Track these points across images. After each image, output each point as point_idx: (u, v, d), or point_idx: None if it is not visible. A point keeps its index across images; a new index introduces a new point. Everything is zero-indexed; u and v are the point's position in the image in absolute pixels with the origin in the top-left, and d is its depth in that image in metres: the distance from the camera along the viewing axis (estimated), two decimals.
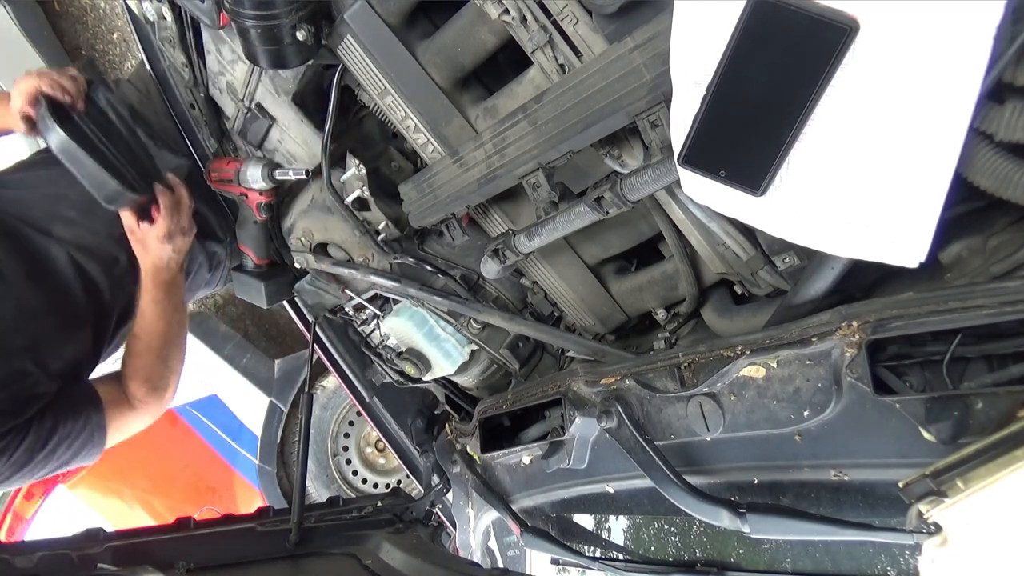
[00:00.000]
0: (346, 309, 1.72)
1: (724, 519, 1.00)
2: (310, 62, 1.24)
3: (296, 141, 1.49)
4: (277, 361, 3.38)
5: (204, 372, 3.26)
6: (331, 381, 3.34)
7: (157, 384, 1.68)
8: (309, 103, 1.44)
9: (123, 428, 1.67)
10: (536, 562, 1.72)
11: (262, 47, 1.12)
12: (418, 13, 1.19)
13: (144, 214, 1.55)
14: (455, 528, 1.72)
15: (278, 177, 1.47)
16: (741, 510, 0.99)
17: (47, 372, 1.53)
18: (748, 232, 1.09)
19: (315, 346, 1.75)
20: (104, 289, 1.68)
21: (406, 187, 1.35)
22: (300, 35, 1.11)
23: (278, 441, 3.36)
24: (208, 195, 1.83)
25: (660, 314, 1.40)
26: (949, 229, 0.88)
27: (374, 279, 1.52)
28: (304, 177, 1.45)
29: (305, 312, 1.77)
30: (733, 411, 1.03)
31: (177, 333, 1.72)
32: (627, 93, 0.93)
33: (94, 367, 1.74)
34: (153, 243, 1.57)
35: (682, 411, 1.09)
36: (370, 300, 1.66)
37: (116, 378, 1.70)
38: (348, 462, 3.48)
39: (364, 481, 3.49)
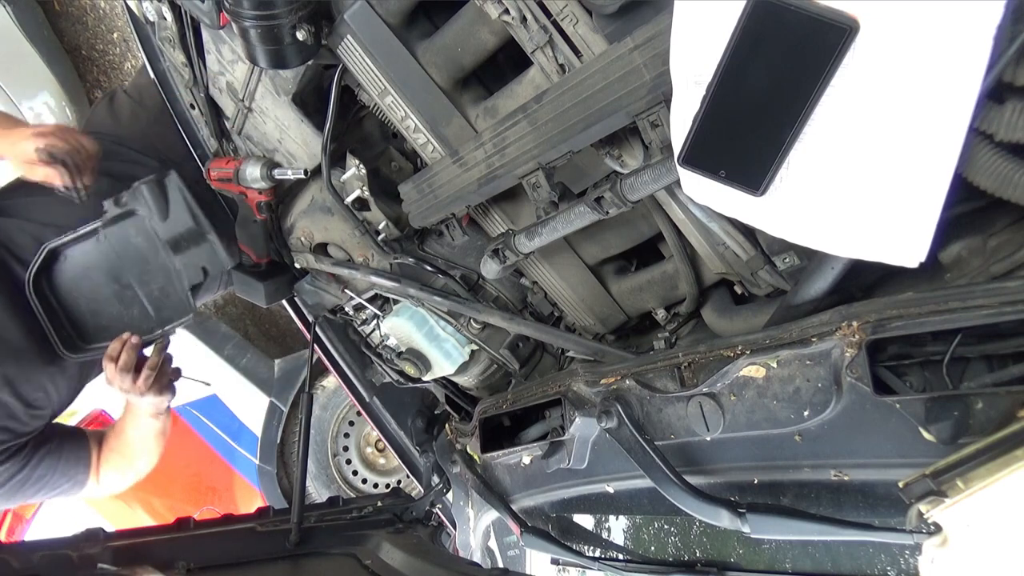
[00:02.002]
0: (346, 309, 1.72)
1: (724, 519, 1.00)
2: (310, 62, 1.24)
3: (296, 141, 1.49)
4: (277, 361, 3.38)
5: (204, 372, 3.26)
6: (331, 381, 3.34)
7: (122, 476, 1.89)
8: (309, 103, 1.44)
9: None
10: (536, 562, 1.72)
11: (262, 47, 1.12)
12: (418, 13, 1.19)
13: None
14: (455, 528, 1.72)
15: (277, 176, 1.48)
16: (741, 510, 0.99)
17: (25, 403, 1.63)
18: (748, 232, 1.09)
19: (315, 346, 1.75)
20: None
21: (406, 187, 1.35)
22: (300, 35, 1.11)
23: (278, 441, 3.36)
24: (205, 200, 1.86)
25: (660, 314, 1.40)
26: (949, 229, 0.88)
27: (374, 279, 1.52)
28: (302, 176, 1.46)
29: (305, 312, 1.77)
30: (733, 411, 1.03)
31: (152, 448, 1.88)
32: (627, 93, 0.93)
33: (78, 394, 1.83)
34: (133, 398, 1.73)
35: (682, 411, 1.09)
36: (370, 300, 1.66)
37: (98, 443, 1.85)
38: (348, 462, 3.48)
39: (364, 481, 3.49)
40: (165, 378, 1.74)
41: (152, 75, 1.71)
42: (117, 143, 1.88)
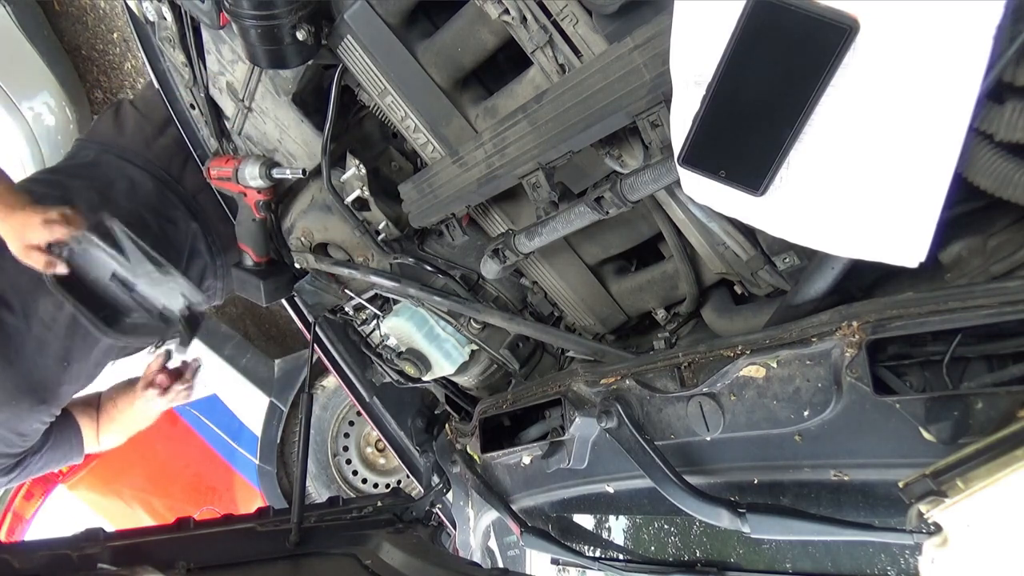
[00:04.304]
0: (346, 309, 1.72)
1: (724, 519, 1.00)
2: (310, 62, 1.24)
3: (296, 141, 1.49)
4: (277, 361, 3.38)
5: (204, 372, 3.26)
6: (331, 381, 3.34)
7: (120, 441, 2.07)
8: (309, 103, 1.44)
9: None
10: (536, 562, 1.72)
11: (262, 47, 1.12)
12: (418, 13, 1.19)
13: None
14: (455, 528, 1.72)
15: (275, 176, 1.48)
16: (741, 510, 0.99)
17: (23, 436, 1.76)
18: (748, 232, 1.09)
19: (315, 346, 1.75)
20: (82, 371, 1.83)
21: (406, 187, 1.35)
22: (300, 35, 1.11)
23: (278, 441, 3.36)
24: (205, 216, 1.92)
25: (660, 314, 1.40)
26: (949, 229, 0.88)
27: (374, 279, 1.52)
28: (300, 176, 1.46)
29: (305, 312, 1.77)
30: (733, 411, 1.03)
31: (151, 420, 2.07)
32: (627, 93, 0.93)
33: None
34: (151, 406, 1.97)
35: (682, 411, 1.09)
36: (370, 300, 1.66)
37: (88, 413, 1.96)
38: (348, 462, 3.48)
39: (364, 481, 3.49)
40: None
41: (153, 77, 1.71)
42: (119, 156, 1.89)
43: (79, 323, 1.70)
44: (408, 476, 2.01)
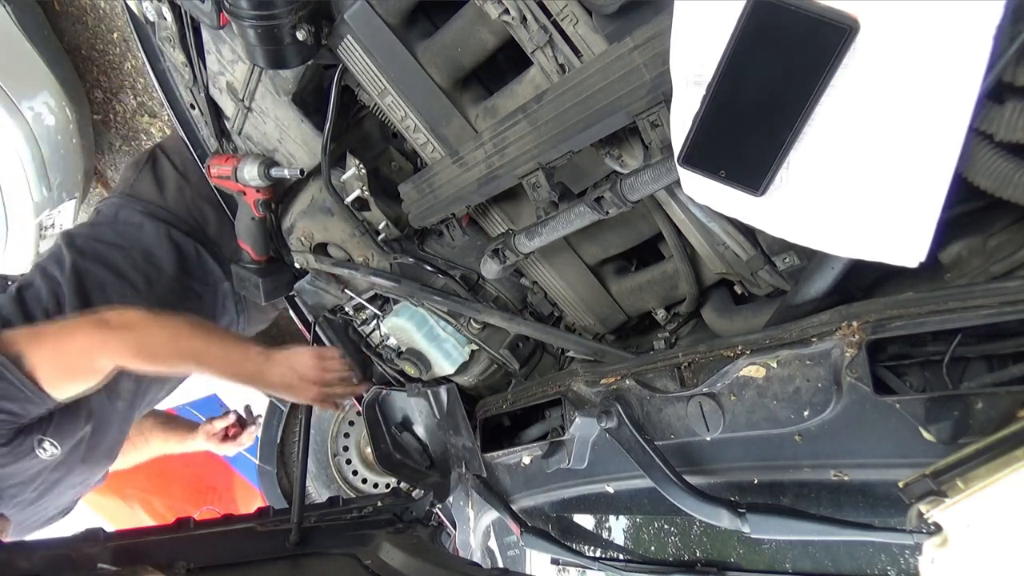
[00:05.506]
0: (346, 309, 1.72)
1: (724, 519, 1.00)
2: (310, 62, 1.24)
3: (296, 141, 1.49)
4: None
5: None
6: None
7: (127, 465, 2.17)
8: (309, 103, 1.44)
9: None
10: (536, 562, 1.72)
11: (262, 47, 1.12)
12: (418, 13, 1.19)
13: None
14: (455, 528, 1.72)
15: (273, 175, 1.48)
16: (741, 510, 0.99)
17: (88, 486, 1.86)
18: (748, 232, 1.09)
19: (315, 346, 1.75)
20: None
21: (406, 187, 1.35)
22: (300, 35, 1.11)
23: (278, 441, 3.36)
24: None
25: (660, 314, 1.40)
26: (949, 229, 0.88)
27: (374, 279, 1.52)
28: (299, 176, 1.46)
29: (305, 312, 1.77)
30: (733, 411, 1.03)
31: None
32: (627, 93, 0.92)
33: None
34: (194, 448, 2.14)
35: (682, 411, 1.09)
36: (370, 300, 1.66)
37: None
38: (348, 462, 3.47)
39: (364, 481, 3.49)
40: None
41: (153, 77, 1.70)
42: (164, 220, 1.93)
43: (142, 391, 1.81)
44: None
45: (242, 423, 2.21)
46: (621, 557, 1.54)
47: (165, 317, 1.52)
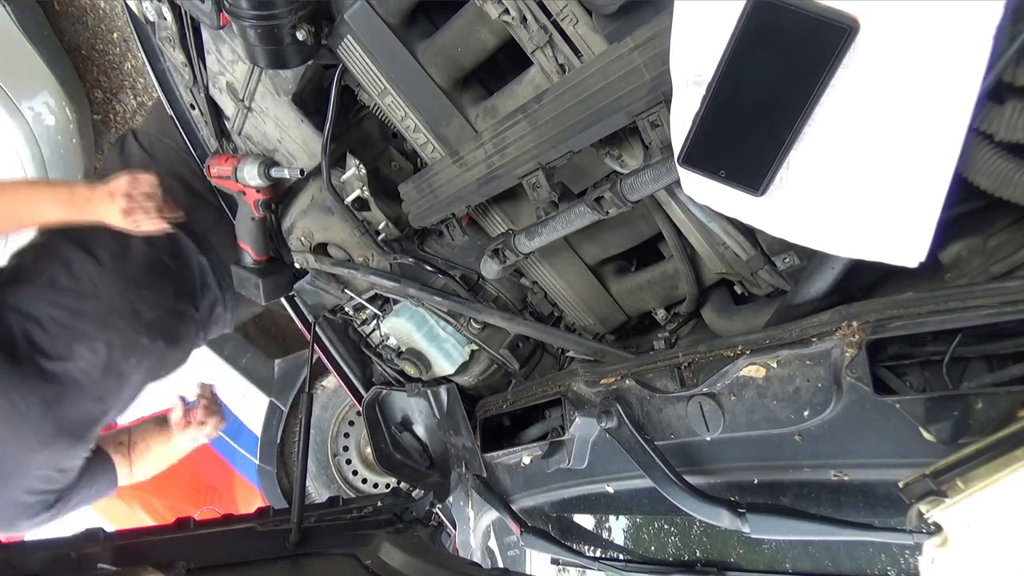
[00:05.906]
0: (346, 309, 1.72)
1: (724, 519, 1.00)
2: (310, 62, 1.24)
3: (296, 141, 1.49)
4: (277, 361, 3.37)
5: (204, 372, 3.26)
6: (331, 381, 3.34)
7: (152, 474, 2.20)
8: (309, 103, 1.44)
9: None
10: (536, 562, 1.72)
11: (262, 47, 1.12)
12: (418, 13, 1.19)
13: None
14: (455, 528, 1.72)
15: (273, 175, 1.48)
16: (741, 510, 0.99)
17: (63, 471, 1.82)
18: (748, 232, 1.09)
19: (315, 346, 1.75)
20: (117, 405, 1.90)
21: (406, 187, 1.35)
22: (300, 35, 1.11)
23: (278, 441, 3.36)
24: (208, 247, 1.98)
25: (660, 314, 1.40)
26: (949, 229, 0.88)
27: (374, 279, 1.52)
28: (298, 176, 1.46)
29: (305, 312, 1.77)
30: (733, 411, 1.03)
31: (175, 460, 2.24)
32: (627, 93, 0.92)
33: None
34: (188, 442, 2.12)
35: (682, 411, 1.09)
36: (370, 300, 1.66)
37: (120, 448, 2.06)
38: (348, 462, 3.47)
39: (364, 481, 3.49)
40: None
41: (153, 77, 1.71)
42: None
43: (113, 364, 1.78)
44: None
45: (209, 410, 2.17)
46: (621, 557, 1.54)
47: None
